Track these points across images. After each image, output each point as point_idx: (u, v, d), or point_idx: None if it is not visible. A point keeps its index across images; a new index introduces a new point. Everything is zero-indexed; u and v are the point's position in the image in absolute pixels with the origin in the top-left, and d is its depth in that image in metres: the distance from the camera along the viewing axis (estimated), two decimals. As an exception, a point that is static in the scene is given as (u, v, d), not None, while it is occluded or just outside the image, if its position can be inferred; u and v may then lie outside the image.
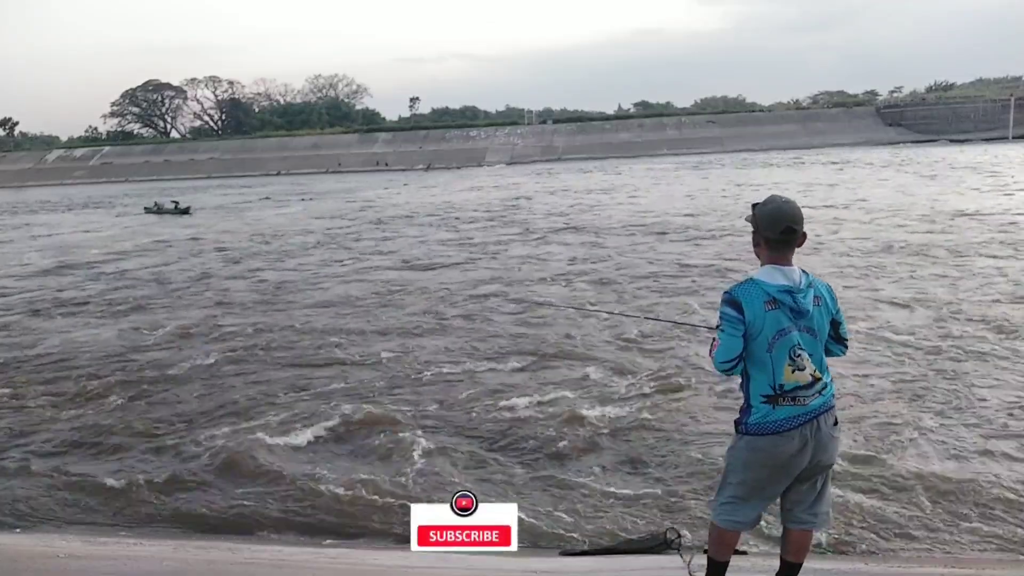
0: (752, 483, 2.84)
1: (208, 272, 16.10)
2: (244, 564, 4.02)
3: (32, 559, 3.94)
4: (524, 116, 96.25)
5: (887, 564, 3.84)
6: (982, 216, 18.62)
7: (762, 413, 2.77)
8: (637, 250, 16.37)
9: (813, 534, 3.03)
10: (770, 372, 2.74)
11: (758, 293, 2.74)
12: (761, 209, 2.81)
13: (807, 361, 2.76)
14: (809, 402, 2.76)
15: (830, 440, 2.82)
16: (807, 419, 2.76)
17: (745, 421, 2.82)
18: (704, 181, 38.31)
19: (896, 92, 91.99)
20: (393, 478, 5.46)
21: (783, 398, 2.75)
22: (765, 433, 2.76)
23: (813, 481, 2.88)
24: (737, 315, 2.72)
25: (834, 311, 2.87)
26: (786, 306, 2.73)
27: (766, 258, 2.81)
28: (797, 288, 2.74)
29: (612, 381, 7.43)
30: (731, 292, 2.78)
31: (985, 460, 5.36)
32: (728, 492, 2.91)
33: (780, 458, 2.77)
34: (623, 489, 5.20)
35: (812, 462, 2.80)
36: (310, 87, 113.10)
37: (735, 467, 2.88)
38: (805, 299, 2.75)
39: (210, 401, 7.40)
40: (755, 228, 2.83)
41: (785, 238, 2.75)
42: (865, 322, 9.04)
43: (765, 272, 2.79)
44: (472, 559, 3.70)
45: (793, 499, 2.91)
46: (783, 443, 2.75)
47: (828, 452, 2.83)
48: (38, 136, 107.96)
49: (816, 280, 2.84)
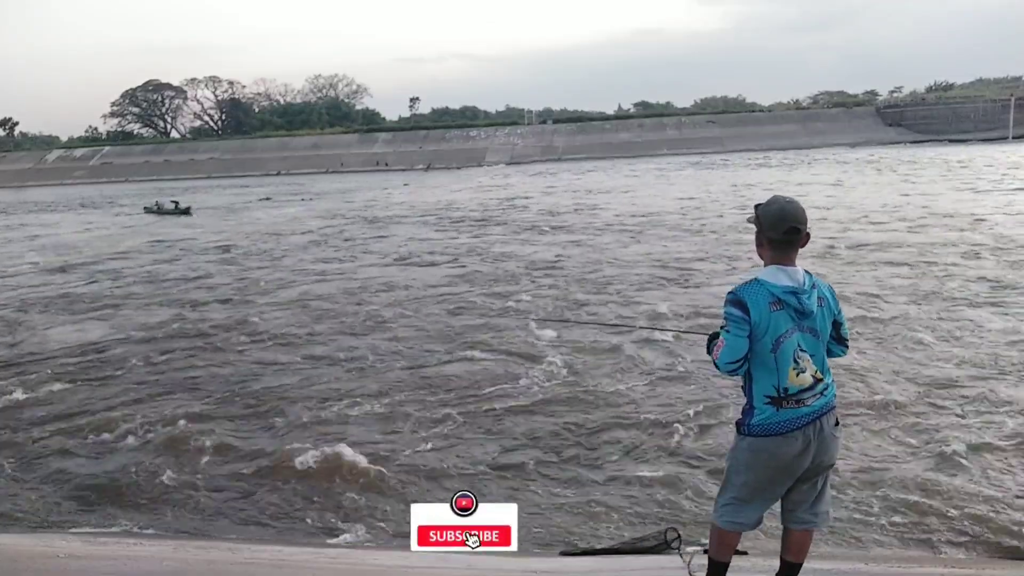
0: (754, 484, 2.83)
1: (193, 273, 16.18)
2: (244, 564, 4.02)
3: (32, 559, 3.93)
4: (524, 116, 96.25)
5: (887, 564, 3.83)
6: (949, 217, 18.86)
7: (766, 415, 2.76)
8: (610, 250, 16.67)
9: (813, 533, 3.04)
10: (774, 374, 2.74)
11: (763, 294, 2.73)
12: (764, 209, 2.81)
13: (808, 363, 2.76)
14: (812, 403, 2.76)
15: (832, 440, 2.82)
16: (810, 420, 2.76)
17: (748, 423, 2.82)
18: (701, 180, 38.29)
19: (896, 92, 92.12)
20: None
21: (787, 400, 2.75)
22: (768, 435, 2.76)
23: (814, 481, 2.88)
24: (743, 315, 2.71)
25: (836, 311, 2.86)
26: (791, 307, 2.73)
27: (769, 258, 2.81)
28: (801, 289, 2.74)
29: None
30: (736, 292, 2.77)
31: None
32: (730, 493, 2.91)
33: (783, 459, 2.76)
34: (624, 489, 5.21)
35: (815, 463, 2.80)
36: (310, 87, 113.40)
37: (737, 468, 2.88)
38: (809, 300, 2.75)
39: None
40: (758, 228, 2.82)
41: (789, 238, 2.75)
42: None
43: (769, 272, 2.78)
44: (472, 559, 3.70)
45: (795, 499, 2.90)
46: (786, 444, 2.75)
47: (829, 452, 2.83)
48: (38, 136, 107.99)
49: (819, 281, 2.83)
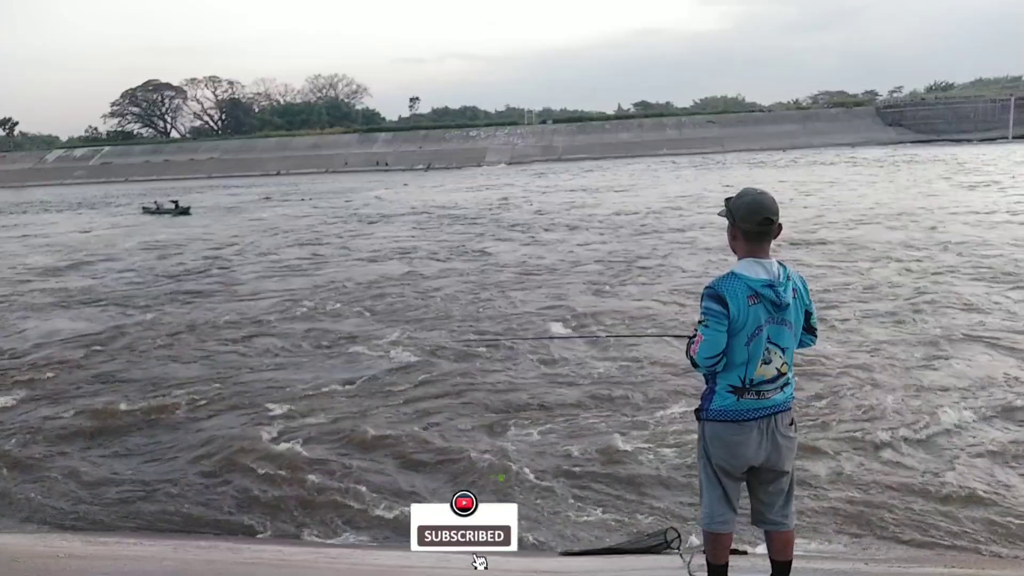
0: (719, 468, 2.86)
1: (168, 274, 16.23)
2: (245, 564, 4.02)
3: (32, 559, 3.93)
4: (524, 116, 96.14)
5: (887, 564, 3.84)
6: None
7: (727, 402, 2.80)
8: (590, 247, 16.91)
9: (793, 533, 3.06)
10: (743, 366, 2.76)
11: (741, 288, 2.73)
12: (736, 201, 2.81)
13: (776, 355, 2.79)
14: (770, 396, 2.80)
15: (784, 440, 2.84)
16: (765, 414, 2.80)
17: (707, 407, 2.85)
18: (699, 180, 38.30)
19: (896, 92, 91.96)
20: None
21: (749, 391, 2.78)
22: (725, 420, 2.80)
23: (779, 484, 2.91)
24: (722, 310, 2.71)
25: (807, 302, 2.89)
26: (768, 300, 2.74)
27: (744, 251, 2.81)
28: (778, 282, 2.75)
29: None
30: (714, 287, 2.77)
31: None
32: (706, 494, 2.94)
33: (737, 444, 2.80)
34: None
35: (767, 462, 2.83)
36: (310, 87, 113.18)
37: (702, 459, 2.93)
38: (785, 293, 2.76)
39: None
40: (731, 221, 2.82)
41: (763, 229, 2.76)
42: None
43: (745, 266, 2.78)
44: (472, 559, 3.70)
45: (765, 502, 2.93)
46: (741, 432, 2.79)
47: (781, 455, 2.85)
48: (38, 136, 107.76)
49: (792, 272, 2.85)
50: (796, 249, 14.75)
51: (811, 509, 4.79)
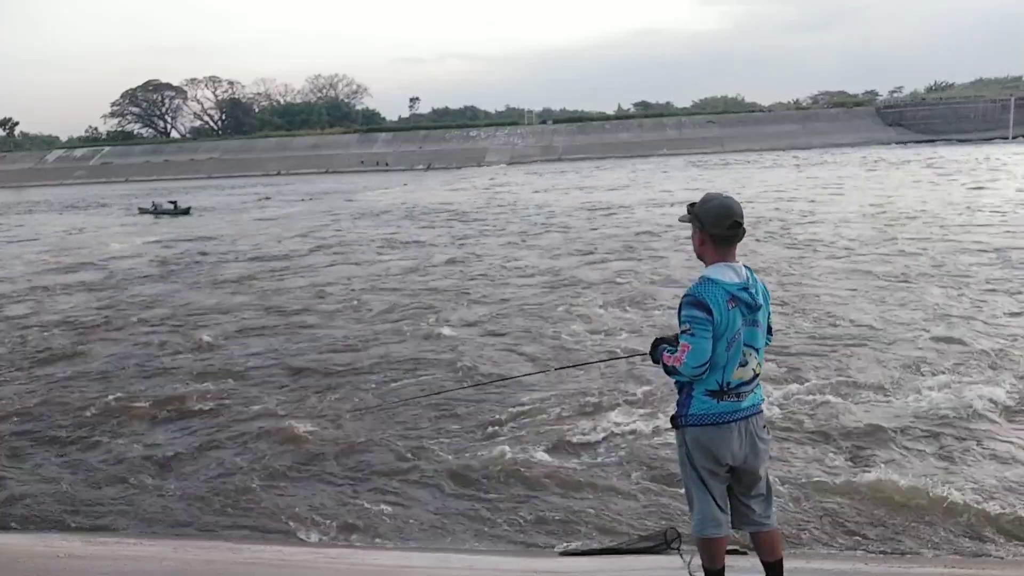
0: (705, 470, 2.85)
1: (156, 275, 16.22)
2: (245, 564, 4.03)
3: (32, 559, 3.94)
4: (524, 116, 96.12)
5: (887, 564, 3.84)
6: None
7: (706, 406, 2.80)
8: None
9: (779, 532, 3.07)
10: (721, 370, 2.76)
11: (720, 293, 2.73)
12: (703, 206, 2.80)
13: (752, 357, 2.80)
14: (745, 398, 2.81)
15: (761, 444, 2.86)
16: (743, 416, 2.81)
17: (685, 413, 2.84)
18: (702, 180, 38.30)
19: (896, 92, 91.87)
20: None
21: (728, 394, 2.78)
22: (705, 424, 2.80)
23: (758, 487, 2.93)
24: (706, 316, 2.69)
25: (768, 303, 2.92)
26: (743, 303, 2.75)
27: (713, 256, 2.80)
28: (749, 284, 2.77)
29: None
30: (694, 294, 2.74)
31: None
32: (696, 500, 2.93)
33: (719, 446, 2.80)
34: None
35: (745, 463, 2.84)
36: (310, 87, 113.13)
37: (686, 466, 2.91)
38: (756, 294, 2.78)
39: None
40: (699, 226, 2.81)
41: (732, 232, 2.76)
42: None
43: (717, 271, 2.78)
44: (472, 559, 3.71)
45: (747, 504, 2.94)
46: (721, 434, 2.79)
47: (759, 457, 2.86)
48: (38, 136, 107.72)
49: (752, 273, 2.86)
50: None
51: (811, 509, 4.78)
